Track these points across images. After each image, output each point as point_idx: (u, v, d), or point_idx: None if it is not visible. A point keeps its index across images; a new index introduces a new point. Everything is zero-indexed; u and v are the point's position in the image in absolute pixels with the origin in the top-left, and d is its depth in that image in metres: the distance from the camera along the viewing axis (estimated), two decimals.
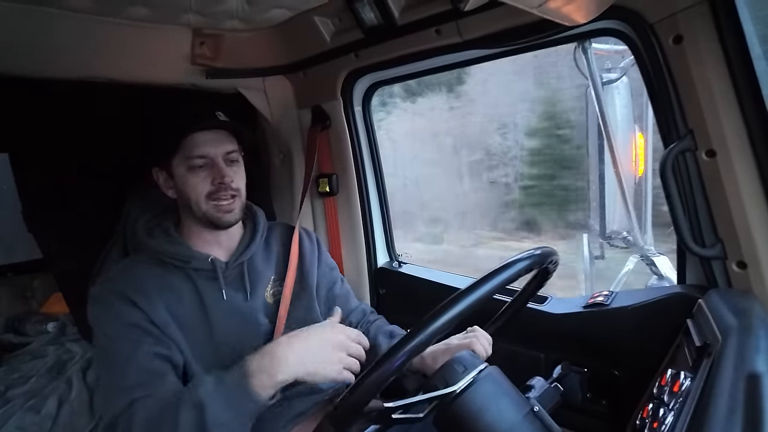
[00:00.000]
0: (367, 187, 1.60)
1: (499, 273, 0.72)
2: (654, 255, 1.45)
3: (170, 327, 1.02)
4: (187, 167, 1.07)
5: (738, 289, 0.96)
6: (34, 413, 1.71)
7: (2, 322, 2.45)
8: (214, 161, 1.08)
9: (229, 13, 1.26)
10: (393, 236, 1.69)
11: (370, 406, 0.69)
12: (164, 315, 1.02)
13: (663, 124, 0.99)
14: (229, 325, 1.08)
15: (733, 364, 0.70)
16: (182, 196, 1.10)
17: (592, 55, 1.20)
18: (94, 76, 1.30)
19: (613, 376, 1.15)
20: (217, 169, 1.07)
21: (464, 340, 1.06)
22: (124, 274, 1.07)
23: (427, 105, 4.06)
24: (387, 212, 1.66)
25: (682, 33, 0.89)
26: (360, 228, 1.62)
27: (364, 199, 1.60)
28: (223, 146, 1.10)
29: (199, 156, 1.07)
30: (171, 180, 1.11)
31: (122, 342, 0.97)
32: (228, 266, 1.13)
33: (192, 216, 1.11)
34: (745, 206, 0.90)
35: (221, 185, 1.07)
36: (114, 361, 0.97)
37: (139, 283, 1.03)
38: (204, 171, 1.07)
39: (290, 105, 1.64)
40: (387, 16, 1.21)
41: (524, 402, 0.75)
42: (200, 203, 1.07)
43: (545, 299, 1.27)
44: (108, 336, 0.99)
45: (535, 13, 0.76)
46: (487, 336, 1.08)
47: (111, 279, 1.06)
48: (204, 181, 1.07)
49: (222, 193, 1.07)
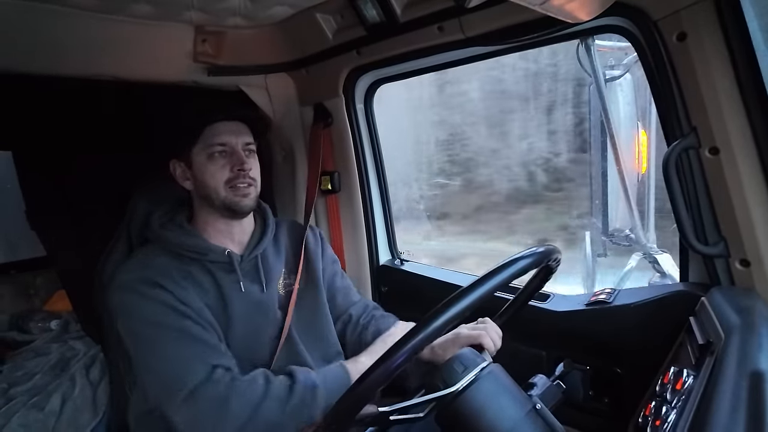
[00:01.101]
0: (369, 185, 1.60)
1: (501, 271, 0.72)
2: (656, 252, 1.45)
3: (204, 311, 1.04)
4: (207, 155, 1.11)
5: (741, 287, 0.95)
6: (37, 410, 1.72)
7: (6, 319, 2.47)
8: (234, 149, 1.12)
9: (232, 10, 1.26)
10: (395, 234, 1.69)
11: (363, 413, 0.68)
12: (197, 302, 1.04)
13: (666, 122, 0.98)
14: (246, 316, 1.11)
15: (736, 362, 0.70)
16: (200, 185, 1.13)
17: (595, 52, 1.20)
18: (97, 73, 1.30)
19: (616, 373, 1.15)
20: (237, 156, 1.12)
21: (473, 332, 1.05)
22: (146, 263, 1.08)
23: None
24: (389, 210, 1.66)
25: (686, 30, 0.88)
26: (362, 225, 1.62)
27: (366, 196, 1.60)
28: (242, 137, 1.14)
29: (219, 144, 1.11)
30: (189, 171, 1.14)
31: (169, 318, 1.00)
32: (243, 259, 1.15)
33: (209, 205, 1.14)
34: (748, 204, 0.89)
35: (240, 172, 1.11)
36: (165, 340, 0.99)
37: (165, 270, 1.05)
38: (224, 159, 1.11)
39: (292, 102, 1.64)
40: (389, 13, 1.20)
41: (526, 400, 0.75)
42: (219, 190, 1.11)
43: (547, 297, 1.27)
44: (148, 320, 1.01)
45: (538, 10, 0.76)
46: (497, 328, 1.07)
47: (135, 268, 1.07)
48: (223, 168, 1.11)
49: (240, 180, 1.11)
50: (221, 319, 1.09)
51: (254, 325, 1.12)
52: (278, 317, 1.16)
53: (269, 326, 1.15)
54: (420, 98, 3.86)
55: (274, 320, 1.16)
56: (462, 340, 1.04)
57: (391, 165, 1.64)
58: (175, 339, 0.99)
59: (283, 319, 1.16)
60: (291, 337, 1.17)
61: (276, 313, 1.17)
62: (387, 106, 1.67)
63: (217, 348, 1.01)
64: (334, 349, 1.25)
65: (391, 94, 1.64)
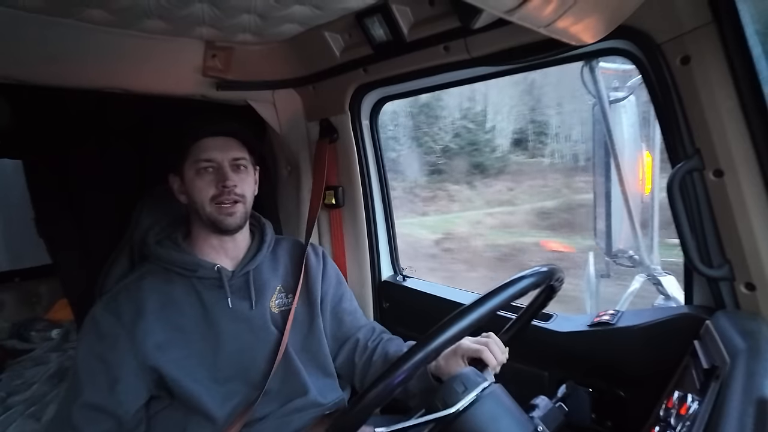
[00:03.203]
0: (372, 201, 1.60)
1: (503, 289, 0.71)
2: (661, 274, 1.44)
3: (164, 347, 1.05)
4: (195, 171, 1.12)
5: (746, 310, 0.94)
6: (34, 420, 1.71)
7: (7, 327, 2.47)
8: (220, 165, 1.12)
9: (242, 27, 1.28)
10: (398, 250, 1.68)
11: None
12: (160, 333, 1.06)
13: (670, 144, 0.99)
14: (236, 332, 1.11)
15: (742, 388, 0.69)
16: (191, 200, 1.14)
17: (599, 73, 1.21)
18: (108, 86, 1.32)
19: (619, 396, 1.13)
20: (222, 173, 1.12)
21: (474, 345, 1.01)
22: (126, 294, 1.10)
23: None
24: (392, 225, 1.66)
25: (690, 54, 0.89)
26: (365, 241, 1.62)
27: (369, 212, 1.60)
28: (230, 152, 1.14)
29: (205, 160, 1.11)
30: (183, 185, 1.15)
31: (83, 372, 1.03)
32: (234, 275, 1.15)
33: (199, 220, 1.15)
34: (753, 227, 0.89)
35: (224, 189, 1.11)
36: (72, 383, 1.04)
37: (140, 302, 1.07)
38: (210, 175, 1.12)
39: (299, 118, 1.66)
40: (396, 32, 1.22)
41: (528, 422, 0.74)
42: (205, 206, 1.11)
43: (550, 317, 1.26)
44: (83, 356, 1.05)
45: (543, 32, 0.77)
46: (500, 344, 1.03)
47: (114, 299, 1.10)
48: (209, 184, 1.11)
49: (225, 197, 1.11)
50: (206, 338, 1.09)
51: (244, 342, 1.11)
52: (272, 336, 1.15)
53: (262, 345, 1.13)
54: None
55: (268, 339, 1.14)
56: (463, 350, 1.02)
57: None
58: (77, 390, 1.02)
59: (279, 338, 1.15)
60: (288, 356, 1.15)
61: (270, 331, 1.15)
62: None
63: (93, 421, 1.01)
64: (329, 369, 1.24)
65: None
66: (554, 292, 0.92)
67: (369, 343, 1.27)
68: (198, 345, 1.08)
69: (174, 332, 1.07)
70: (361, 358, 1.25)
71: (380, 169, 1.62)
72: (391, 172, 1.64)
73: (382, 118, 1.60)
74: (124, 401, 1.03)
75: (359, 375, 1.26)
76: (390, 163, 1.59)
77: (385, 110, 1.58)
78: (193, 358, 1.07)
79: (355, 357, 1.27)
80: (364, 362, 1.25)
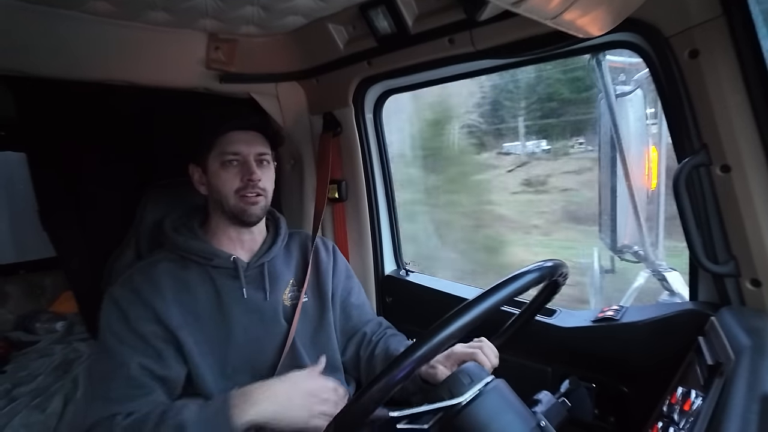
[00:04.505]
0: (376, 195, 1.60)
1: (507, 284, 0.71)
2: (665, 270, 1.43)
3: (182, 329, 1.05)
4: (220, 162, 1.13)
5: (751, 307, 0.94)
6: (39, 412, 1.73)
7: (12, 319, 2.48)
8: (245, 159, 1.14)
9: (246, 19, 1.27)
10: (401, 244, 1.68)
11: (375, 415, 0.68)
12: (177, 316, 1.05)
13: (677, 138, 0.98)
14: (248, 322, 1.12)
15: (746, 384, 0.68)
16: (213, 191, 1.15)
17: (606, 67, 1.20)
18: (112, 77, 1.32)
19: (622, 392, 1.13)
20: (248, 166, 1.13)
21: (467, 350, 1.03)
22: (141, 274, 1.10)
23: None
24: (395, 220, 1.66)
25: (699, 47, 0.88)
26: (368, 235, 1.61)
27: (372, 206, 1.60)
28: (255, 147, 1.16)
29: (232, 153, 1.13)
30: (205, 176, 1.16)
31: (122, 346, 1.01)
32: (249, 266, 1.16)
33: (220, 211, 1.16)
34: (759, 223, 0.88)
35: (249, 182, 1.12)
36: (107, 366, 1.01)
37: (156, 281, 1.07)
38: (235, 168, 1.13)
39: (302, 111, 1.65)
40: (400, 24, 1.21)
41: (530, 416, 0.73)
42: (229, 198, 1.13)
43: (554, 312, 1.26)
44: (114, 334, 1.02)
45: (550, 24, 0.76)
46: (492, 348, 1.06)
47: (129, 280, 1.09)
48: (234, 177, 1.13)
49: (249, 190, 1.13)
50: (219, 327, 1.09)
51: (256, 332, 1.12)
52: (282, 328, 1.16)
53: (272, 336, 1.14)
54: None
55: (278, 331, 1.15)
56: (456, 356, 1.03)
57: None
58: (115, 367, 0.99)
59: (287, 330, 1.16)
60: (295, 348, 1.16)
61: (280, 323, 1.16)
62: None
63: (151, 392, 0.99)
64: (336, 363, 1.24)
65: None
66: (558, 287, 0.91)
67: (374, 338, 1.28)
68: (211, 333, 1.08)
69: (188, 316, 1.07)
70: (365, 351, 1.26)
71: (383, 162, 1.62)
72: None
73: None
74: (173, 365, 1.03)
75: (363, 370, 1.26)
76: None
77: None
78: (204, 345, 1.07)
79: (360, 350, 1.28)
80: (367, 357, 1.25)
